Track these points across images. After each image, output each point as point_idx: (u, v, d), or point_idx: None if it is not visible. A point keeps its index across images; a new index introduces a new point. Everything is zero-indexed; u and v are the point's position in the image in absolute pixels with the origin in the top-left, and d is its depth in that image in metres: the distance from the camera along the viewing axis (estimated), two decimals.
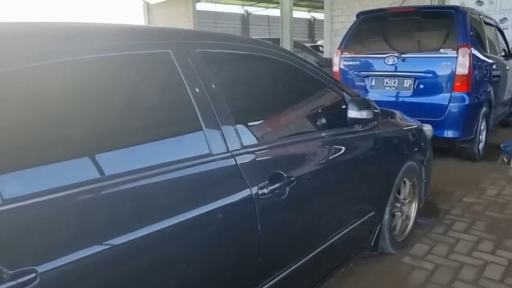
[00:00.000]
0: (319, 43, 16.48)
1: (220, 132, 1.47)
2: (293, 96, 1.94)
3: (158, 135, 1.36)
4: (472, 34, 4.26)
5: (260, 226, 1.51)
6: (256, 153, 1.58)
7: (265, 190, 1.51)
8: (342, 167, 2.01)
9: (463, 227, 3.05)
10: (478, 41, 4.43)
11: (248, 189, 1.47)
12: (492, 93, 4.73)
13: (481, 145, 4.63)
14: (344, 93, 2.18)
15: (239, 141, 1.52)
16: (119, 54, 1.33)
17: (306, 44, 12.57)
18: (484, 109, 4.50)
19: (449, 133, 4.20)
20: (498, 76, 5.06)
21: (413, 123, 2.86)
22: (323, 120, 2.05)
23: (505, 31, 6.16)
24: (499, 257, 2.63)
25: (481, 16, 4.95)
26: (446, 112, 4.16)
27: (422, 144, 2.86)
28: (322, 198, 1.87)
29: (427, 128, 2.94)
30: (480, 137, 4.57)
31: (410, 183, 2.78)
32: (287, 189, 1.60)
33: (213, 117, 1.46)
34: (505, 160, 4.73)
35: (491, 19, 5.50)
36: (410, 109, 4.30)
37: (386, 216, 2.46)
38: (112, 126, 1.24)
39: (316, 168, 1.82)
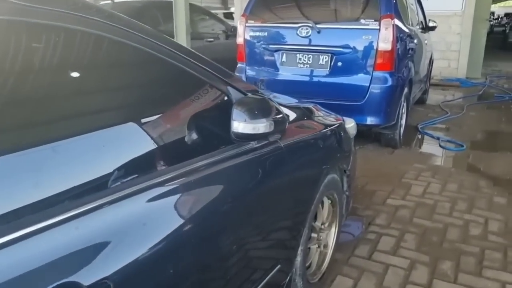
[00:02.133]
0: (232, 9, 15.44)
1: None
2: (131, 104, 1.04)
3: None
4: (396, 3, 3.65)
5: None
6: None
7: None
8: (224, 226, 1.19)
9: (390, 245, 2.46)
10: (401, 11, 3.84)
11: None
12: (412, 71, 4.23)
13: (401, 130, 4.15)
14: (230, 89, 1.33)
15: None
16: None
17: (217, 11, 11.48)
18: (406, 90, 3.98)
19: (370, 120, 3.61)
20: (417, 51, 4.59)
21: (333, 120, 2.13)
22: (188, 143, 1.19)
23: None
24: None
25: None
26: (367, 95, 3.55)
27: (345, 147, 2.16)
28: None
29: (350, 125, 2.24)
30: (401, 121, 4.08)
31: (330, 202, 2.08)
32: None
33: None
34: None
35: None
36: (327, 91, 3.66)
37: (299, 259, 1.73)
38: None
39: (166, 246, 0.97)
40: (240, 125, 1.21)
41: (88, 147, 0.89)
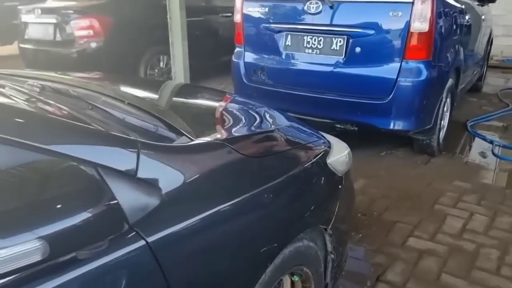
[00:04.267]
0: None
1: None
2: None
3: None
4: None
5: None
6: None
7: None
8: None
9: None
10: None
11: None
12: (461, 56, 3.28)
13: (442, 134, 3.24)
14: None
15: None
16: None
17: None
18: (450, 83, 3.06)
19: (396, 124, 2.77)
20: (470, 30, 3.59)
21: (307, 152, 1.36)
22: None
23: None
24: None
25: None
26: (394, 92, 2.69)
27: (324, 198, 1.39)
28: None
29: (339, 156, 1.46)
30: (442, 122, 3.17)
31: (298, 279, 1.35)
32: None
33: None
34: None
35: None
36: (341, 84, 2.85)
37: None
38: None
39: None
40: None
41: None
